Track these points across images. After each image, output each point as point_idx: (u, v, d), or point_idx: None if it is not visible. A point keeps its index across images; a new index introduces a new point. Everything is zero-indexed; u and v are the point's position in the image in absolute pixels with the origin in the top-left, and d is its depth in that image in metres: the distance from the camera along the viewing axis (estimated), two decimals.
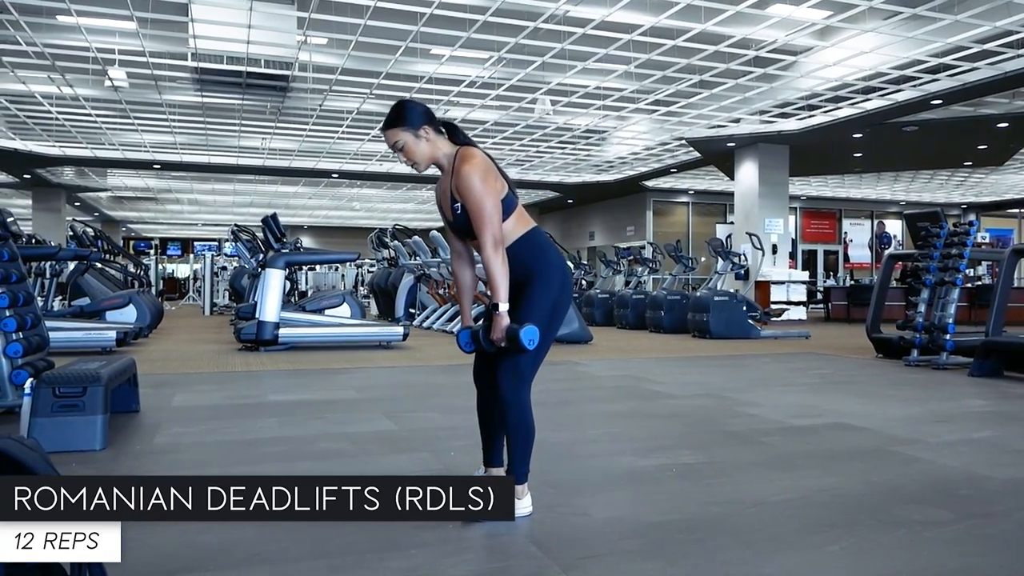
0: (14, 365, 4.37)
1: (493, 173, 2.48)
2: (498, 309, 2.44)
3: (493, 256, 2.40)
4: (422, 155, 2.51)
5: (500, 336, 2.43)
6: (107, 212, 30.46)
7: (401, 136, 2.49)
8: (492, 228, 2.41)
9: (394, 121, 2.50)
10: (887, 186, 22.50)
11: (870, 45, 10.13)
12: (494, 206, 2.42)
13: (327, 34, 10.07)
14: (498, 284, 2.42)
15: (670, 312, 11.97)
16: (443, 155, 2.54)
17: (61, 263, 10.83)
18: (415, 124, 2.49)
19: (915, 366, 7.22)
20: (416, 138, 2.50)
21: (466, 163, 2.44)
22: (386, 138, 2.54)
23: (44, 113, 13.99)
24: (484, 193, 2.41)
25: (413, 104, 2.54)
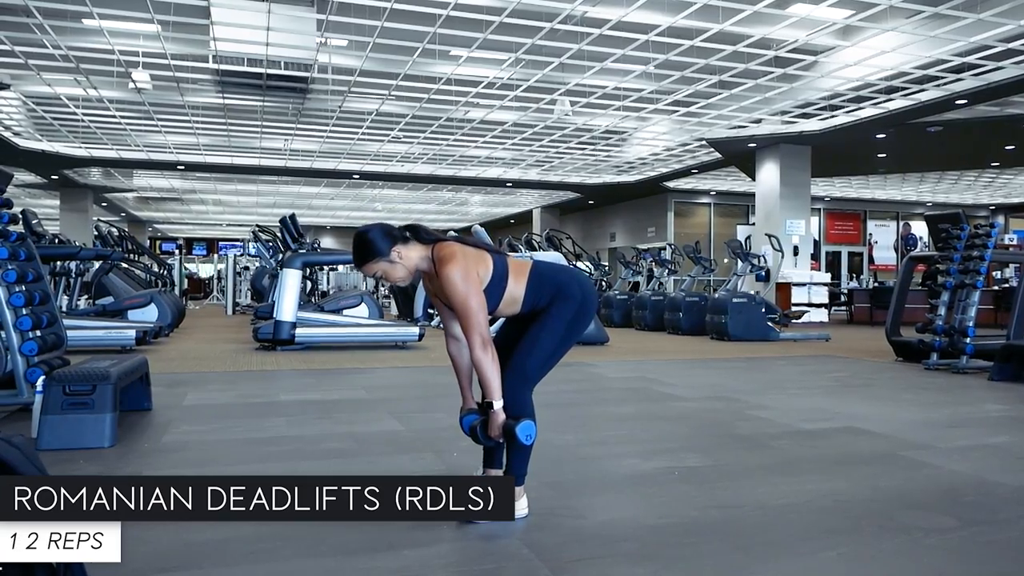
0: (29, 363, 4.45)
1: (473, 264, 2.46)
2: (492, 407, 2.45)
3: (483, 355, 2.40)
4: (401, 275, 2.52)
5: (497, 433, 2.47)
6: (133, 212, 30.91)
7: (376, 267, 2.50)
8: (479, 328, 2.40)
9: (364, 257, 2.50)
10: (912, 187, 22.18)
11: (892, 44, 9.99)
12: (479, 304, 2.41)
13: (346, 36, 10.14)
14: (490, 383, 2.43)
15: (688, 314, 11.89)
16: (421, 260, 2.53)
17: (86, 263, 11.02)
18: (383, 251, 2.48)
19: (934, 370, 7.10)
20: (391, 263, 2.49)
21: (444, 266, 2.43)
22: (362, 272, 2.57)
23: (70, 115, 14.23)
24: (468, 293, 2.40)
25: (373, 232, 2.49)
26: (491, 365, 2.42)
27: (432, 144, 16.86)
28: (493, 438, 2.49)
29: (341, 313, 10.64)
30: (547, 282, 2.58)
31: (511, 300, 2.56)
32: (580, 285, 2.61)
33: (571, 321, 2.57)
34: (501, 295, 2.53)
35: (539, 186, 22.46)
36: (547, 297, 2.57)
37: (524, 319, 2.62)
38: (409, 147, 17.19)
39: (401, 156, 18.20)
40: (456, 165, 19.45)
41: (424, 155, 18.15)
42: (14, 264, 4.57)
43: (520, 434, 2.40)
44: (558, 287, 2.58)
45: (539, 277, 2.59)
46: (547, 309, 2.57)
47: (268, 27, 9.33)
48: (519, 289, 2.56)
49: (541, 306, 2.58)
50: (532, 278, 2.58)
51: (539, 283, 2.58)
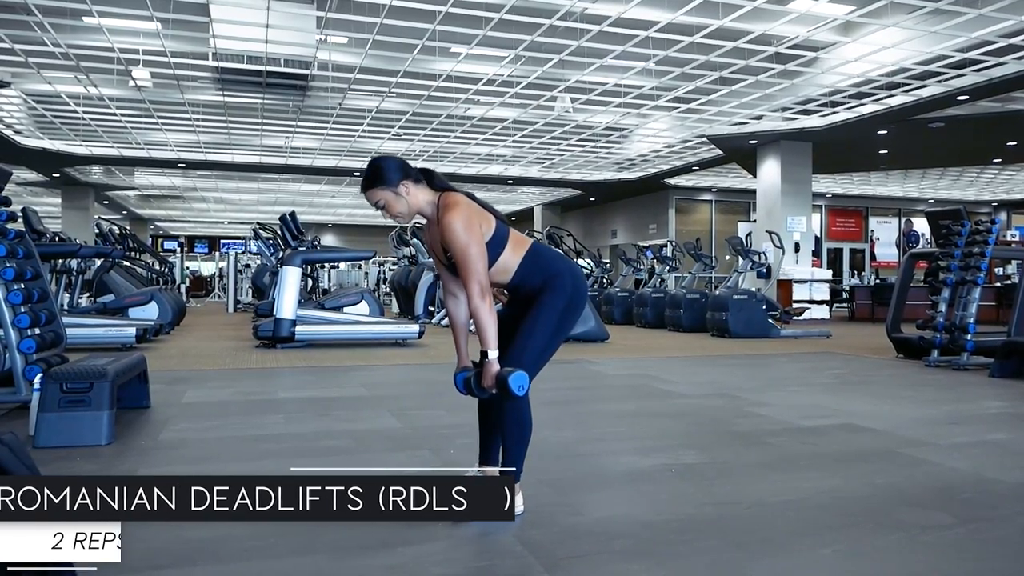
0: (28, 360, 4.45)
1: (476, 216, 2.46)
2: (487, 357, 2.44)
3: (480, 304, 2.39)
4: (404, 210, 2.50)
5: (490, 383, 2.44)
6: (135, 210, 30.93)
7: (380, 195, 2.48)
8: (478, 276, 2.39)
9: (372, 181, 2.48)
10: (914, 183, 22.13)
11: (893, 40, 9.96)
12: (479, 253, 2.41)
13: (346, 33, 10.13)
14: (487, 332, 2.42)
15: (689, 311, 11.88)
16: (425, 203, 2.52)
17: (87, 261, 11.03)
18: (392, 182, 2.46)
19: (935, 367, 7.08)
20: (396, 195, 2.47)
21: (448, 212, 2.42)
22: (366, 198, 2.52)
23: (71, 113, 14.23)
24: (468, 241, 2.39)
25: (388, 161, 2.50)
26: (488, 314, 2.40)
27: (432, 141, 16.85)
28: (487, 388, 2.45)
29: (342, 311, 10.63)
30: (541, 263, 2.57)
31: (503, 268, 2.53)
32: (572, 276, 2.59)
33: (562, 312, 2.54)
34: (496, 259, 2.51)
35: (540, 183, 22.44)
36: (538, 279, 2.54)
37: (514, 317, 2.60)
38: (410, 144, 17.18)
39: (402, 154, 18.19)
40: (457, 162, 19.44)
41: (424, 152, 18.14)
42: (12, 262, 4.57)
43: (513, 384, 2.37)
44: (550, 273, 2.55)
45: (535, 255, 2.57)
46: (538, 300, 2.53)
47: (267, 24, 9.32)
48: (514, 260, 2.54)
49: (530, 285, 2.55)
50: (529, 254, 2.56)
51: (534, 261, 2.56)
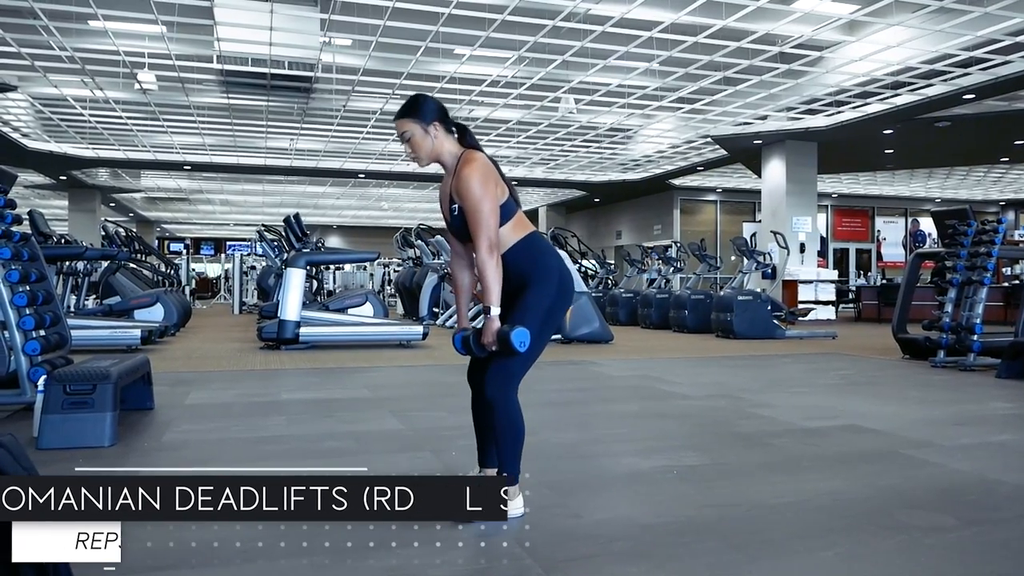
0: (33, 362, 4.48)
1: (494, 178, 2.47)
2: (490, 312, 2.42)
3: (487, 259, 2.39)
4: (426, 150, 2.51)
5: (491, 340, 2.42)
6: (142, 213, 31.05)
7: (410, 127, 2.50)
8: (488, 231, 2.39)
9: (407, 112, 2.51)
10: (921, 183, 22.05)
11: (898, 39, 9.93)
12: (491, 210, 2.41)
13: (349, 35, 10.15)
14: (490, 287, 2.40)
15: (694, 312, 11.85)
16: (448, 154, 2.53)
17: (94, 263, 11.08)
18: (426, 119, 2.49)
19: (941, 367, 7.05)
20: (424, 132, 2.49)
21: (467, 165, 2.44)
22: (396, 127, 2.54)
23: (77, 116, 14.30)
24: (482, 196, 2.40)
25: (429, 99, 2.54)
26: (494, 270, 2.40)
27: None
28: (486, 345, 2.44)
29: (346, 312, 10.65)
30: (534, 252, 2.54)
31: (499, 240, 2.50)
32: (560, 274, 2.57)
33: (548, 310, 2.52)
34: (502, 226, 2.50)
35: (544, 184, 22.44)
36: (527, 266, 2.52)
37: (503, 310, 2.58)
38: None
39: (406, 155, 18.16)
40: None
41: None
42: (17, 264, 4.59)
43: (515, 339, 2.35)
44: (538, 265, 2.52)
45: (531, 242, 2.55)
46: (523, 296, 2.51)
47: (271, 27, 9.35)
48: (511, 237, 2.53)
49: (517, 270, 2.52)
50: (526, 239, 2.54)
51: (528, 247, 2.53)
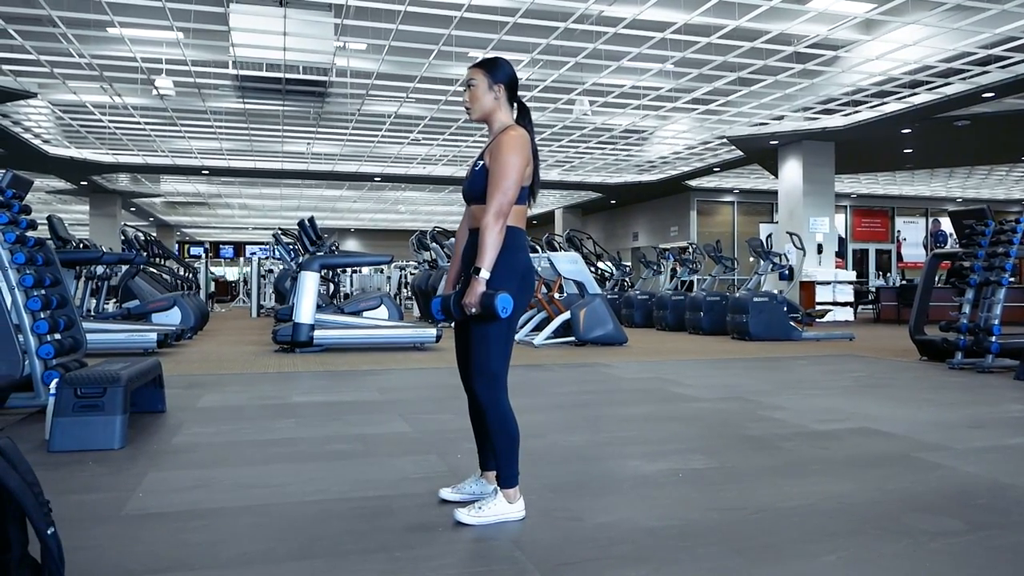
0: (47, 366, 4.54)
1: (527, 159, 2.49)
2: (479, 273, 2.38)
3: (493, 224, 2.39)
4: (482, 105, 2.56)
5: (473, 300, 2.36)
6: (161, 217, 31.39)
7: (479, 77, 2.56)
8: (503, 196, 2.40)
9: (483, 64, 2.58)
10: (941, 182, 21.78)
11: (915, 37, 9.82)
12: (516, 180, 2.43)
13: (363, 39, 10.20)
14: (487, 250, 2.39)
15: (709, 313, 11.79)
16: (499, 120, 2.58)
17: (113, 267, 11.21)
18: (496, 77, 2.55)
19: (959, 369, 6.96)
20: (488, 88, 2.55)
21: (513, 131, 2.49)
22: (467, 74, 2.60)
23: (96, 122, 14.49)
24: (513, 165, 2.42)
25: (507, 64, 2.60)
26: (495, 236, 2.40)
27: (452, 146, 16.91)
28: (467, 306, 2.37)
29: (361, 315, 10.70)
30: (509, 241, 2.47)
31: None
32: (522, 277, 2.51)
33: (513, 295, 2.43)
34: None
35: (560, 186, 22.41)
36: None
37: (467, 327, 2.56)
38: (429, 149, 17.25)
39: (422, 158, 18.27)
40: None
41: (444, 157, 18.20)
42: (32, 269, 4.66)
43: (498, 304, 2.32)
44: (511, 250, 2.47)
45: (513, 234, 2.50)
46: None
47: (285, 32, 9.41)
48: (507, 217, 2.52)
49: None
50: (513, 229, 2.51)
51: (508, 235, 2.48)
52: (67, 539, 2.26)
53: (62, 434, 3.56)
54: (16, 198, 4.82)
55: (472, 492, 2.72)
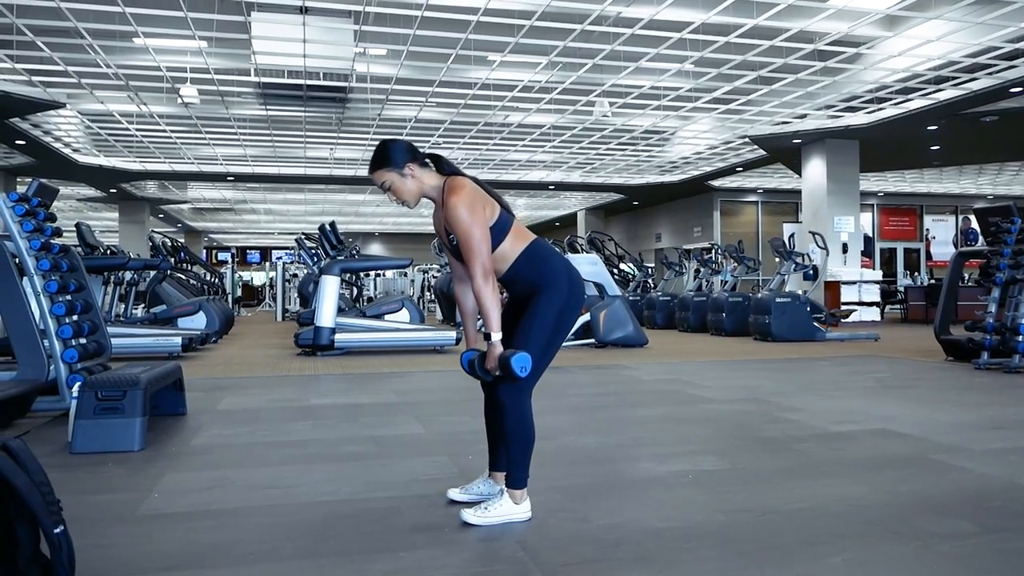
0: (72, 370, 4.64)
1: (481, 201, 2.48)
2: (491, 339, 2.46)
3: (483, 286, 2.41)
4: (409, 192, 2.54)
5: (493, 365, 2.47)
6: (189, 223, 31.88)
7: (387, 176, 2.52)
8: (480, 258, 2.42)
9: (378, 163, 2.53)
10: (971, 180, 21.40)
11: (938, 33, 9.67)
12: (482, 236, 2.43)
13: (382, 45, 10.29)
14: (489, 313, 2.43)
15: (731, 314, 11.71)
16: (431, 188, 2.55)
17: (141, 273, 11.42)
18: (398, 163, 2.51)
19: (984, 369, 6.85)
20: (401, 176, 2.51)
21: (453, 195, 2.45)
22: (373, 179, 2.56)
23: (124, 130, 14.76)
24: (471, 224, 2.42)
25: (395, 143, 2.55)
26: (491, 296, 2.42)
27: (473, 149, 16.97)
28: (490, 370, 2.47)
29: (382, 318, 10.79)
30: (539, 259, 2.57)
31: (501, 256, 2.54)
32: (569, 277, 2.58)
33: (559, 314, 2.55)
34: (496, 246, 2.52)
35: (582, 188, 22.39)
36: (534, 275, 2.55)
37: (511, 320, 2.61)
38: (450, 152, 17.31)
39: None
40: (498, 169, 19.53)
41: (466, 160, 18.27)
42: (56, 275, 4.77)
43: (515, 365, 2.38)
44: (545, 272, 2.55)
45: (534, 251, 2.57)
46: (534, 301, 2.54)
47: (305, 39, 9.52)
48: (513, 250, 2.55)
49: (525, 280, 2.56)
50: (529, 249, 2.56)
51: (533, 256, 2.56)
52: (83, 538, 2.33)
53: (84, 436, 3.65)
54: (42, 206, 4.94)
55: (480, 493, 2.74)
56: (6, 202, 4.61)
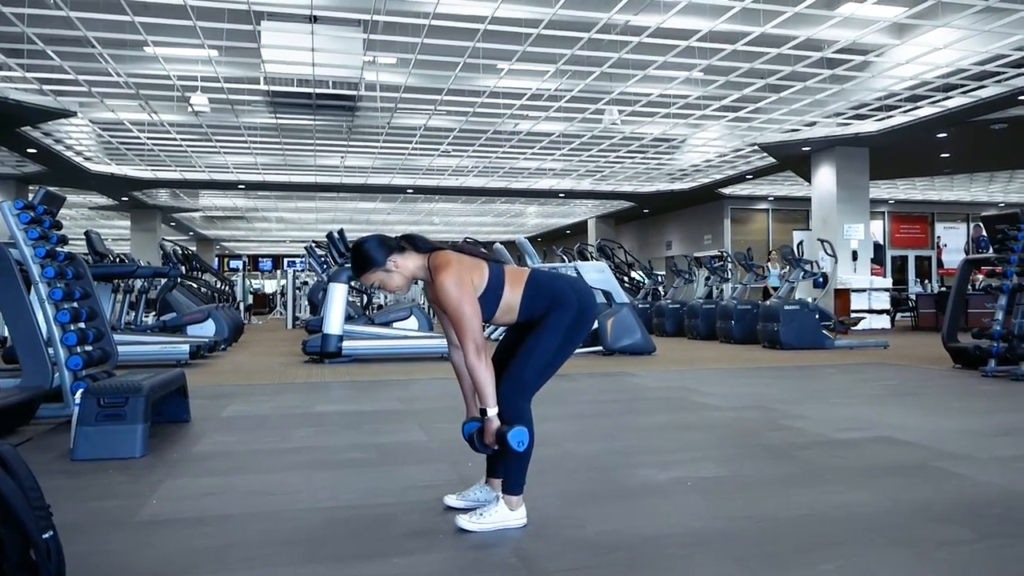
0: (76, 377, 4.67)
1: (467, 271, 2.49)
2: (487, 414, 2.48)
3: (476, 362, 2.43)
4: (398, 283, 2.57)
5: (491, 440, 2.48)
6: (201, 231, 32.07)
7: (374, 277, 2.55)
8: (472, 334, 2.42)
9: (361, 267, 2.56)
10: (982, 187, 21.26)
11: (946, 40, 9.64)
12: (472, 312, 2.44)
13: (391, 53, 10.35)
14: (483, 389, 2.45)
15: (740, 322, 11.66)
16: (418, 269, 2.57)
17: (151, 280, 11.50)
18: (379, 261, 2.53)
19: (992, 377, 6.79)
20: (387, 272, 2.54)
21: (439, 273, 2.47)
22: (361, 280, 2.61)
23: (134, 139, 14.90)
24: (461, 300, 2.43)
25: (369, 242, 2.56)
26: (484, 372, 2.44)
27: (482, 157, 17.01)
28: (488, 445, 2.50)
29: (391, 325, 10.82)
30: (544, 291, 2.59)
31: (507, 308, 2.57)
32: (577, 292, 2.60)
33: (568, 329, 2.56)
34: (497, 303, 2.55)
35: (592, 196, 22.39)
36: (544, 306, 2.57)
37: (523, 327, 2.63)
38: (459, 160, 17.37)
39: (452, 169, 18.40)
40: (507, 177, 19.57)
41: (475, 168, 18.32)
42: (61, 282, 4.81)
43: (511, 440, 2.41)
44: (554, 296, 2.58)
45: (536, 286, 2.59)
46: (544, 319, 2.57)
47: (314, 48, 9.59)
48: (515, 298, 2.57)
49: (538, 315, 2.58)
50: (528, 287, 2.59)
51: (535, 292, 2.58)
52: (80, 544, 2.35)
53: (85, 442, 3.67)
54: (47, 214, 4.98)
55: (477, 499, 2.74)
56: (11, 209, 4.66)
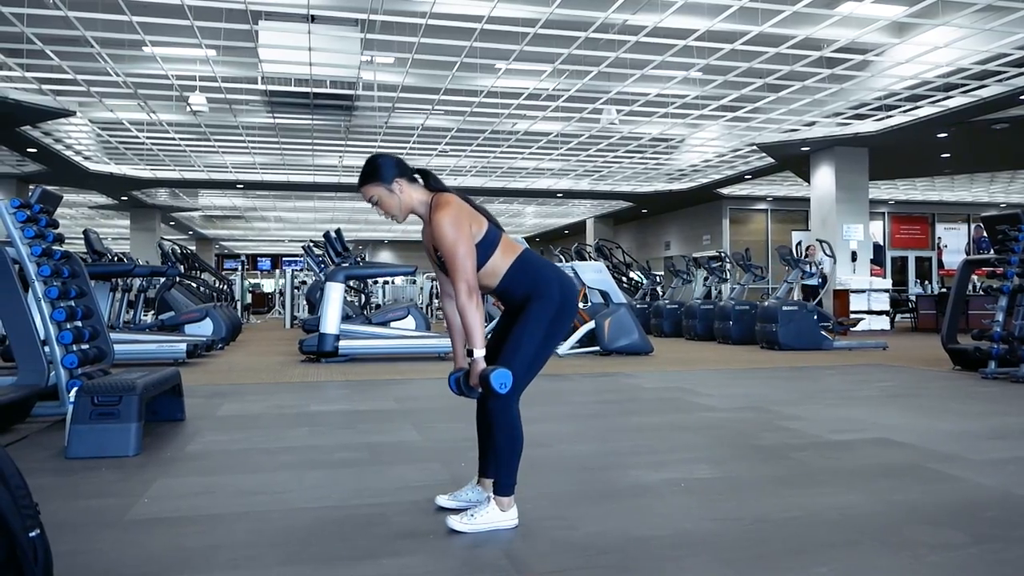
0: (72, 375, 4.67)
1: (467, 217, 2.49)
2: (473, 355, 2.47)
3: (467, 302, 2.42)
4: (397, 207, 2.55)
5: (475, 382, 2.47)
6: (200, 230, 32.06)
7: (375, 191, 2.53)
8: (465, 275, 2.42)
9: (367, 177, 2.54)
10: (983, 187, 21.25)
11: (946, 40, 9.62)
12: (467, 252, 2.43)
13: (389, 53, 10.34)
14: (472, 330, 2.44)
15: (738, 323, 11.65)
16: (419, 203, 2.56)
17: (150, 279, 11.50)
18: (387, 178, 2.52)
19: (992, 379, 6.78)
20: (389, 192, 2.53)
21: (438, 211, 2.46)
22: (362, 194, 2.58)
23: (133, 139, 14.89)
24: (456, 240, 2.42)
25: (383, 158, 2.56)
26: (475, 313, 2.42)
27: (480, 156, 17.00)
28: (474, 387, 2.49)
29: (388, 325, 10.80)
30: (530, 270, 2.58)
31: (491, 271, 2.55)
32: (560, 285, 2.59)
33: (550, 323, 2.55)
34: (485, 261, 2.53)
35: (590, 196, 22.39)
36: (526, 286, 2.56)
37: (503, 328, 2.62)
38: (458, 160, 17.37)
39: (451, 169, 18.39)
40: (506, 177, 19.56)
41: (473, 168, 18.31)
42: (58, 281, 4.80)
43: (494, 382, 2.39)
44: (537, 282, 2.56)
45: (524, 263, 2.59)
46: (526, 309, 2.54)
47: (311, 48, 9.58)
48: (503, 264, 2.56)
49: (517, 292, 2.57)
50: (518, 261, 2.58)
51: (522, 268, 2.57)
52: (68, 543, 2.34)
53: (79, 441, 3.66)
54: (44, 212, 4.97)
55: (468, 499, 2.72)
56: (7, 208, 4.65)
